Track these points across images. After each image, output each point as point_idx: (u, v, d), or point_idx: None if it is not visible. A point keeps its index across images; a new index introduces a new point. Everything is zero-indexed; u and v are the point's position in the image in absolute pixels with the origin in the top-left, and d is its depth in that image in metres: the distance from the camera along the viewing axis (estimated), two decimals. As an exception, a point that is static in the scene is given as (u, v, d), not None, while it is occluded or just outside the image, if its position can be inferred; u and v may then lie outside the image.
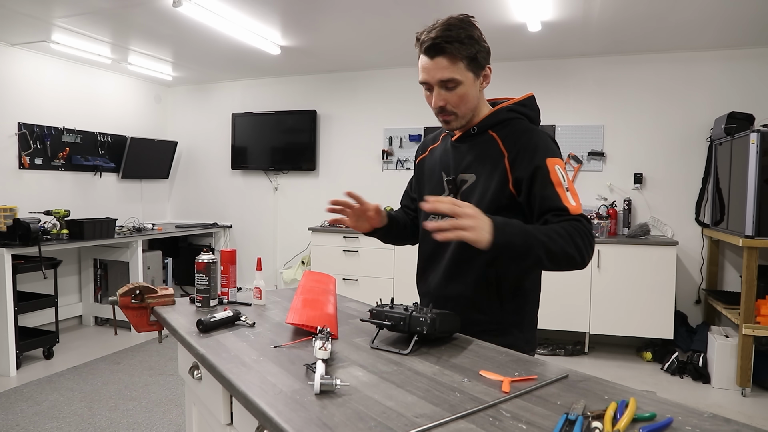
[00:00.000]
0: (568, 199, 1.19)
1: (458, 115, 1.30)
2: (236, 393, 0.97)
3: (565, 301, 3.94)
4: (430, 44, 1.22)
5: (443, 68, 1.23)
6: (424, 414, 0.83)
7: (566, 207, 1.17)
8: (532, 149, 1.24)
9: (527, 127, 1.31)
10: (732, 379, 3.37)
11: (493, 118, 1.34)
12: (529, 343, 1.34)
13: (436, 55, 1.22)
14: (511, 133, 1.30)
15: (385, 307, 1.20)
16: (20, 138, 4.21)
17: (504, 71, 4.62)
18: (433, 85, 1.26)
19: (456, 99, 1.27)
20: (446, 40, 1.21)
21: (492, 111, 1.35)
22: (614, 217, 4.15)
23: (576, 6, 3.27)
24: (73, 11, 3.42)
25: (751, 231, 3.26)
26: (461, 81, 1.25)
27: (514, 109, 1.35)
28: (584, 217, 1.19)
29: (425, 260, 1.46)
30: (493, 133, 1.32)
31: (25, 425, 2.73)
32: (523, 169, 1.23)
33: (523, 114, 1.36)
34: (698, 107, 4.13)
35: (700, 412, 0.84)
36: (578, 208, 1.19)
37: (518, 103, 1.37)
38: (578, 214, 1.18)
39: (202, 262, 1.52)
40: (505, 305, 1.31)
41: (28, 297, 3.78)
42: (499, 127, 1.33)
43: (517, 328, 1.32)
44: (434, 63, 1.23)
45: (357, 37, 4.00)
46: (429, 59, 1.24)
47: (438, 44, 1.21)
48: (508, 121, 1.33)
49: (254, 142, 5.43)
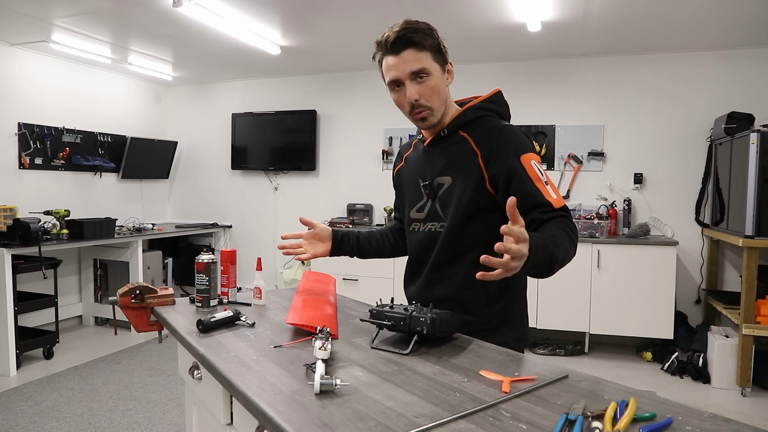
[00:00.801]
0: (550, 193, 1.20)
1: (433, 109, 1.29)
2: (236, 393, 0.97)
3: (565, 301, 3.94)
4: (396, 38, 1.23)
5: (412, 60, 1.23)
6: (424, 414, 0.83)
7: (550, 202, 1.18)
8: (505, 146, 1.24)
9: (497, 124, 1.30)
10: (732, 379, 3.37)
11: (462, 119, 1.34)
12: (520, 341, 1.35)
13: (403, 48, 1.23)
14: (482, 131, 1.29)
15: (385, 307, 1.20)
16: (20, 138, 4.21)
17: (504, 71, 4.63)
18: (404, 79, 1.25)
19: (428, 91, 1.26)
20: (411, 31, 1.23)
21: (460, 111, 1.35)
22: (614, 217, 4.15)
23: (576, 6, 3.27)
24: (73, 11, 3.42)
25: (751, 231, 3.26)
26: (431, 71, 1.25)
27: (483, 106, 1.35)
28: (566, 209, 1.21)
29: (411, 264, 1.47)
30: (464, 134, 1.32)
31: (25, 425, 2.73)
32: (499, 167, 1.23)
33: (492, 110, 1.35)
34: (698, 107, 4.13)
35: (700, 412, 0.84)
36: (560, 201, 1.20)
37: (486, 100, 1.36)
38: (561, 207, 1.19)
39: (202, 262, 1.52)
40: (492, 305, 1.32)
41: (28, 297, 3.78)
42: (469, 126, 1.32)
43: (506, 326, 1.34)
44: (402, 57, 1.24)
45: (357, 37, 4.00)
46: (395, 55, 1.24)
47: (403, 36, 1.22)
48: (478, 120, 1.32)
49: (254, 142, 5.43)
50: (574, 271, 3.92)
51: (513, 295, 1.36)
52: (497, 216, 1.25)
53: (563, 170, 4.48)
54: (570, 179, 4.46)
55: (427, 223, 1.38)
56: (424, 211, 1.39)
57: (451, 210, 1.31)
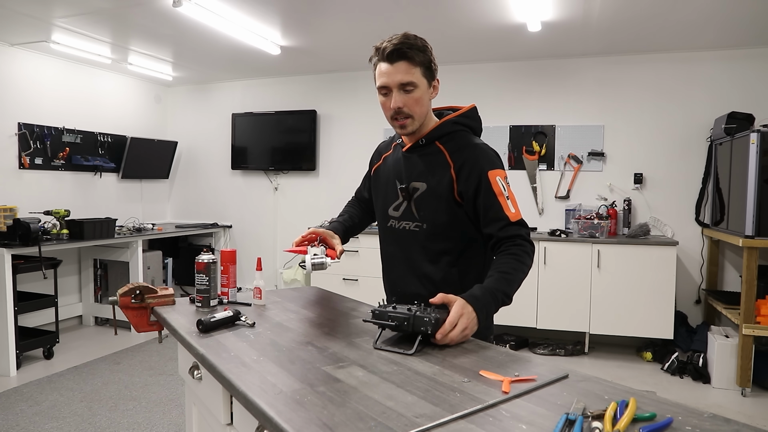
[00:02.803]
0: (509, 207, 1.37)
1: (414, 118, 1.40)
2: (236, 393, 0.97)
3: (565, 301, 3.94)
4: (392, 50, 1.33)
5: (403, 72, 1.35)
6: (424, 414, 0.83)
7: (507, 216, 1.36)
8: (474, 161, 1.39)
9: (470, 141, 1.45)
10: (732, 379, 3.37)
11: (439, 131, 1.46)
12: (488, 329, 1.47)
13: (397, 59, 1.34)
14: (456, 145, 1.44)
15: (388, 308, 1.20)
16: (20, 138, 4.21)
17: (504, 71, 4.62)
18: (393, 88, 1.37)
19: (412, 102, 1.38)
20: (407, 46, 1.34)
21: (438, 123, 1.47)
22: (614, 217, 4.15)
23: (576, 6, 3.27)
24: (73, 11, 3.42)
25: (751, 231, 3.26)
26: (418, 85, 1.37)
27: (458, 121, 1.48)
28: (521, 223, 1.37)
29: (387, 258, 1.61)
30: (440, 145, 1.45)
31: (25, 425, 2.73)
32: (468, 183, 1.39)
33: (466, 125, 1.49)
34: (698, 107, 4.13)
35: (700, 412, 0.84)
36: (517, 215, 1.37)
37: (462, 115, 1.49)
38: (517, 221, 1.37)
39: (202, 262, 1.52)
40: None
41: (28, 297, 3.78)
42: (445, 139, 1.46)
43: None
44: (395, 67, 1.35)
45: (357, 37, 4.00)
46: (389, 64, 1.35)
47: (399, 49, 1.33)
48: (453, 134, 1.46)
49: (254, 142, 5.43)
50: (575, 271, 3.92)
51: None
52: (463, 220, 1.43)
53: (563, 170, 4.48)
54: (570, 179, 4.46)
55: (401, 221, 1.52)
56: (399, 210, 1.52)
57: (430, 215, 1.45)
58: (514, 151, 4.58)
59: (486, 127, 1.66)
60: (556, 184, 4.50)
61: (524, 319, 4.04)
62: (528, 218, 4.99)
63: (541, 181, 4.55)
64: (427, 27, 3.64)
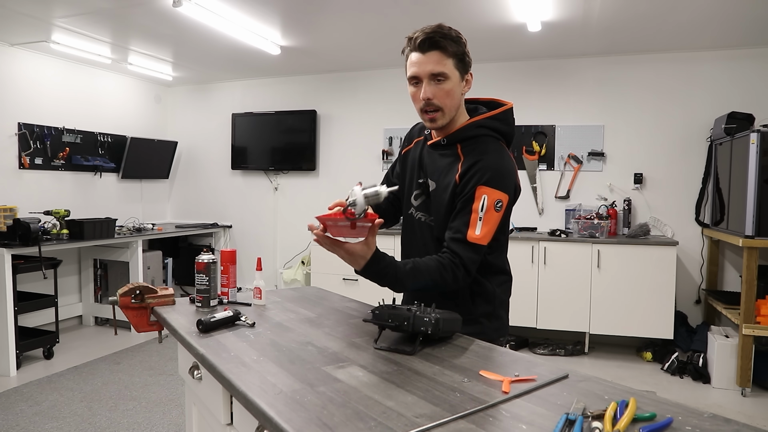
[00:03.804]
0: (474, 227, 1.30)
1: (444, 112, 1.35)
2: (236, 393, 0.97)
3: (565, 301, 3.94)
4: (424, 38, 1.29)
5: (435, 62, 1.30)
6: (424, 414, 0.83)
7: (465, 233, 1.30)
8: (474, 173, 1.33)
9: (488, 149, 1.36)
10: (732, 379, 3.37)
11: (462, 133, 1.40)
12: (497, 331, 1.47)
13: (429, 49, 1.30)
14: (472, 151, 1.37)
15: (388, 308, 1.20)
16: (20, 138, 4.21)
17: (504, 71, 4.62)
18: (423, 78, 1.32)
19: (443, 93, 1.32)
20: (440, 35, 1.29)
21: (463, 125, 1.41)
22: (614, 217, 4.14)
23: (576, 6, 3.27)
24: (73, 11, 3.42)
25: (751, 231, 3.26)
26: (449, 76, 1.31)
27: (485, 124, 1.40)
28: (475, 249, 1.30)
29: (404, 246, 1.60)
30: (459, 148, 1.40)
31: (25, 425, 2.73)
32: (462, 188, 1.34)
33: (494, 129, 1.41)
34: (698, 107, 4.13)
35: (700, 412, 0.84)
36: (477, 238, 1.30)
37: (492, 117, 1.41)
38: (472, 243, 1.30)
39: (202, 262, 1.52)
40: (475, 298, 1.44)
41: (28, 297, 3.78)
42: (467, 143, 1.39)
43: (486, 318, 1.45)
44: (426, 57, 1.30)
45: (357, 37, 4.00)
46: (421, 54, 1.31)
47: (432, 38, 1.29)
48: (476, 138, 1.39)
49: (254, 142, 5.43)
50: (574, 271, 3.92)
51: (495, 293, 1.46)
52: None
53: (563, 170, 4.48)
54: (570, 179, 4.46)
55: (419, 212, 1.51)
56: (418, 201, 1.51)
57: (436, 213, 1.42)
58: (514, 151, 4.57)
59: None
60: (556, 184, 4.50)
61: (524, 319, 4.04)
62: (528, 218, 4.96)
63: (541, 181, 4.55)
64: (427, 27, 3.64)
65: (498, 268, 1.47)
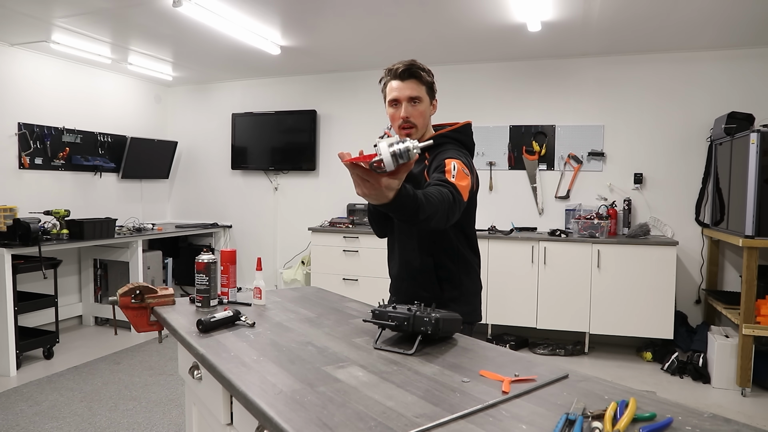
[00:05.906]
0: (451, 175, 1.43)
1: (417, 128, 1.62)
2: (236, 393, 0.97)
3: (565, 301, 3.94)
4: (404, 69, 1.59)
5: (412, 88, 1.60)
6: (424, 414, 0.83)
7: (446, 178, 1.42)
8: (442, 158, 1.53)
9: (450, 150, 1.61)
10: (732, 379, 3.37)
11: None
12: (469, 315, 1.64)
13: (408, 78, 1.59)
14: (438, 154, 1.61)
15: (388, 308, 1.20)
16: (20, 138, 4.21)
17: (504, 71, 4.62)
18: (402, 101, 1.60)
19: (417, 114, 1.61)
20: (416, 68, 1.60)
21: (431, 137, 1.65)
22: (614, 217, 4.14)
23: (576, 6, 3.27)
24: (73, 11, 3.42)
25: (751, 231, 3.26)
26: (423, 100, 1.61)
27: (449, 135, 1.68)
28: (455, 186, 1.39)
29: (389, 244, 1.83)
30: (426, 155, 1.64)
31: (25, 425, 2.73)
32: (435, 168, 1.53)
33: (456, 139, 1.67)
34: (698, 107, 4.13)
35: (700, 412, 0.84)
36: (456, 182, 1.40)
37: (455, 130, 1.69)
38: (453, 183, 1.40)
39: (202, 262, 1.52)
40: (442, 283, 1.64)
41: (28, 297, 3.78)
42: (433, 150, 1.63)
43: (454, 302, 1.62)
44: (405, 84, 1.60)
45: (357, 37, 4.00)
46: (401, 81, 1.60)
47: (410, 69, 1.60)
48: (441, 145, 1.64)
49: (254, 142, 5.43)
50: (574, 271, 3.92)
51: (461, 276, 1.65)
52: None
53: (563, 170, 4.48)
54: (570, 179, 4.46)
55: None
56: None
57: None
58: (514, 151, 4.57)
59: (486, 127, 1.71)
60: (556, 184, 4.50)
61: (524, 319, 4.04)
62: (528, 218, 4.96)
63: (541, 181, 4.55)
64: (427, 27, 3.64)
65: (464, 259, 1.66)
